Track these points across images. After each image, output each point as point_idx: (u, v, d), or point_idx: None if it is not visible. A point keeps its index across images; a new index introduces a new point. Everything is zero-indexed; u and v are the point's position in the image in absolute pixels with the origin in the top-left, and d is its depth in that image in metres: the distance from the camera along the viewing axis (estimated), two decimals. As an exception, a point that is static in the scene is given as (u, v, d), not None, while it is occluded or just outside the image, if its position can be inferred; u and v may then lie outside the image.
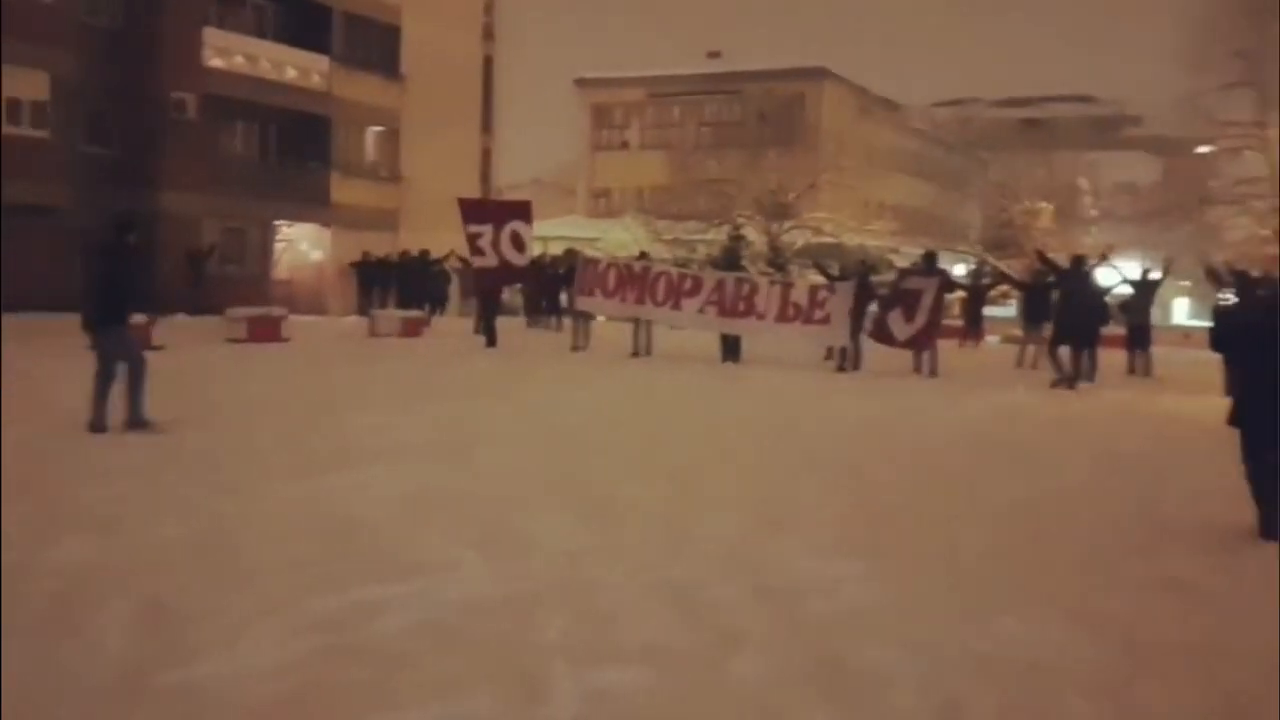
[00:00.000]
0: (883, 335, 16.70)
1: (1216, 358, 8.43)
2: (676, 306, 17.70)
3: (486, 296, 20.15)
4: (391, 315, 22.12)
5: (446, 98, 33.35)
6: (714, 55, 50.64)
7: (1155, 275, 19.04)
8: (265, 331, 18.67)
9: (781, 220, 38.61)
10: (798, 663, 4.24)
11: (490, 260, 18.06)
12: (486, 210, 19.73)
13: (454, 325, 23.84)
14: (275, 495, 6.70)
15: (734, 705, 3.88)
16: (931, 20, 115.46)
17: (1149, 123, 54.92)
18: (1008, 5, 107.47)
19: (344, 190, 31.39)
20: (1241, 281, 16.63)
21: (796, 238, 38.57)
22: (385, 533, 5.89)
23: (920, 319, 16.30)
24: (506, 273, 18.50)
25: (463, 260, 22.80)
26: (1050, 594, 5.22)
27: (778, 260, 36.40)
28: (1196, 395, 14.67)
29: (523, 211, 18.74)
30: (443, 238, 26.02)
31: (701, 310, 17.49)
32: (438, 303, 25.88)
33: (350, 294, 28.57)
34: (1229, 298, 16.59)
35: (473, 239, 18.10)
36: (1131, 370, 17.79)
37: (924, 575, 5.46)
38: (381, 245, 28.37)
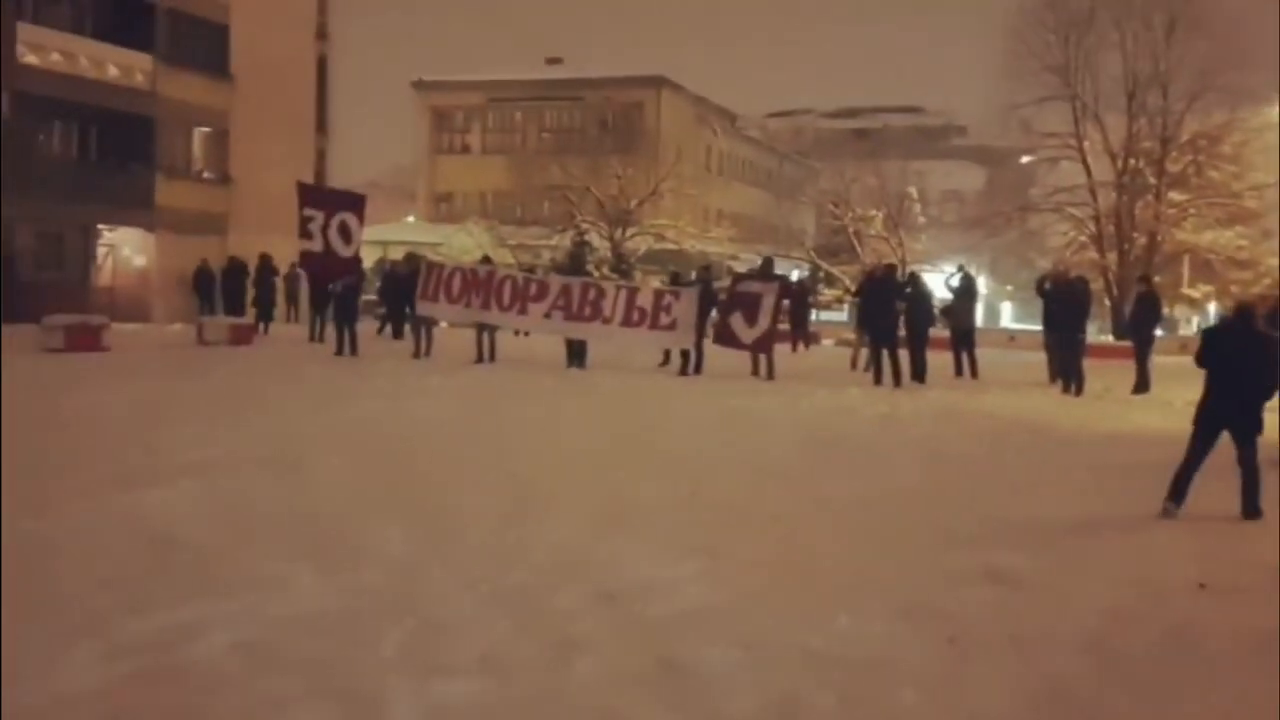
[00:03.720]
0: (727, 338, 16.91)
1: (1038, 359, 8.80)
2: (523, 311, 17.56)
3: (323, 296, 20.06)
4: (220, 323, 21.31)
5: (278, 98, 32.27)
6: (554, 61, 50.66)
7: (978, 280, 19.83)
8: (85, 340, 17.75)
9: (624, 226, 38.93)
10: (636, 665, 4.22)
11: (316, 245, 18.06)
12: (322, 196, 19.92)
13: (289, 332, 23.20)
14: (88, 512, 6.30)
15: (573, 711, 3.82)
16: (766, 32, 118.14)
17: (974, 133, 57.51)
18: (840, 17, 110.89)
19: (169, 193, 30.04)
20: (1056, 286, 17.53)
21: (639, 244, 38.96)
22: (207, 549, 5.61)
23: (763, 322, 16.59)
24: (331, 261, 18.25)
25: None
26: (882, 589, 5.33)
27: (621, 266, 36.71)
28: (1018, 394, 15.39)
29: (356, 204, 18.79)
30: (274, 242, 25.14)
31: (548, 315, 17.39)
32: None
33: (178, 300, 27.39)
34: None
35: (304, 222, 18.11)
36: (959, 372, 18.48)
37: (761, 573, 5.52)
38: (209, 250, 27.25)
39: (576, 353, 17.41)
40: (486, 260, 20.44)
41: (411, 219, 49.55)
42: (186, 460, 7.99)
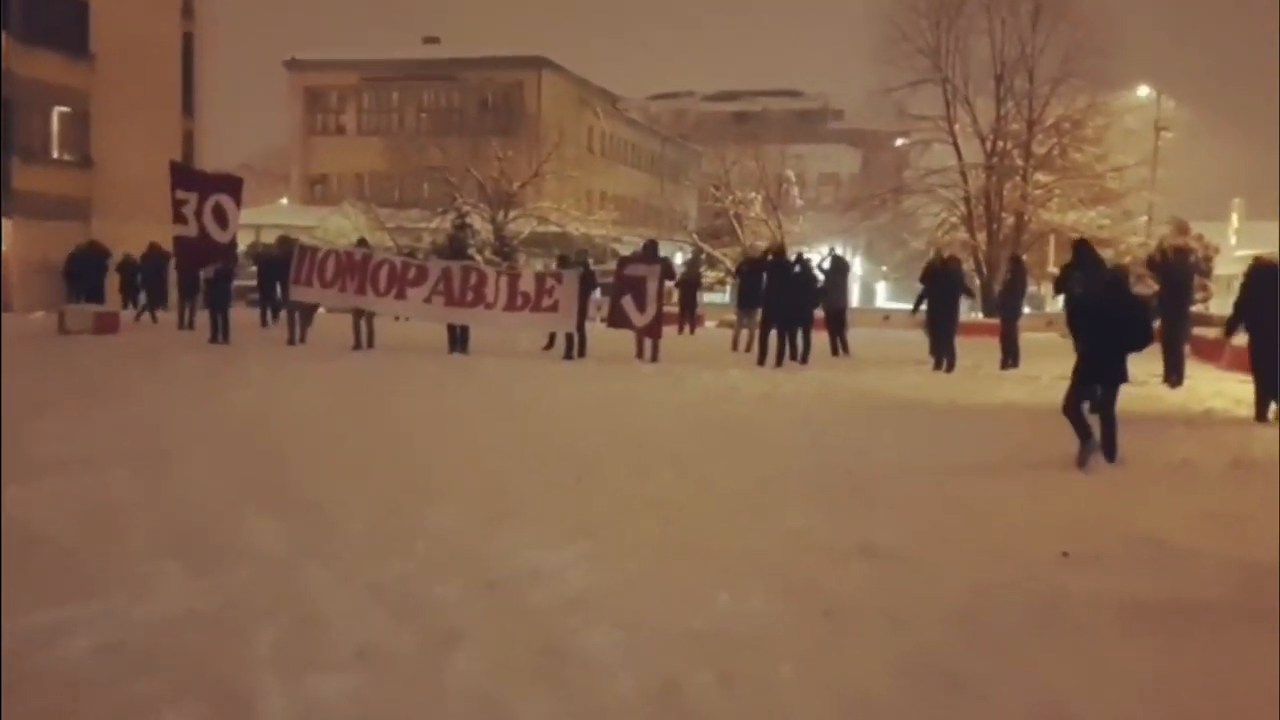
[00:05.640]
0: (620, 320, 16.92)
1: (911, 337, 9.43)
2: (401, 296, 17.29)
3: (193, 282, 19.90)
4: (83, 311, 20.45)
5: (142, 77, 31.07)
6: (432, 41, 49.87)
7: (850, 261, 20.19)
8: (-65, 332, 16.87)
9: (507, 209, 38.58)
10: (518, 653, 4.19)
11: (190, 229, 17.59)
12: (195, 178, 19.28)
13: (157, 319, 22.50)
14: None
15: (453, 702, 3.78)
16: (646, 13, 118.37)
17: (850, 117, 58.56)
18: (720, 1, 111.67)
19: (26, 177, 28.70)
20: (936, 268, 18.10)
21: (522, 226, 38.67)
22: (70, 549, 5.38)
23: (651, 308, 16.67)
24: (206, 246, 17.74)
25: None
26: (761, 567, 5.41)
27: (504, 249, 36.41)
28: (893, 372, 15.79)
29: (231, 186, 18.34)
30: (139, 227, 24.23)
31: (428, 300, 17.16)
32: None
33: (38, 288, 26.21)
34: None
35: (177, 205, 17.62)
36: (834, 351, 18.86)
37: (644, 556, 5.54)
38: (71, 236, 26.10)
39: (458, 338, 17.22)
40: (363, 243, 20.05)
41: (285, 202, 48.33)
42: (48, 455, 7.64)
